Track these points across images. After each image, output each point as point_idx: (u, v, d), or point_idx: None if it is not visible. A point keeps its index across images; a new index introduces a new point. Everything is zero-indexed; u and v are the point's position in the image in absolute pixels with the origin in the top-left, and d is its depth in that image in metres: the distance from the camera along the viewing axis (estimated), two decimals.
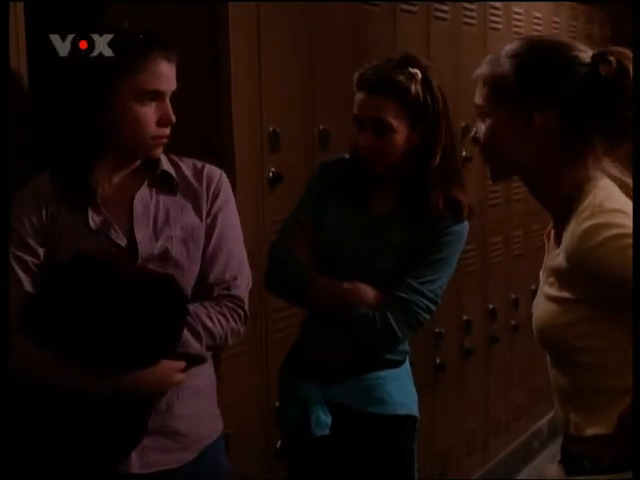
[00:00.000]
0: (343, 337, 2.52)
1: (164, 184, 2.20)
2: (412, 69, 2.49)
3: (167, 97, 2.13)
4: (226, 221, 2.23)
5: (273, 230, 2.95)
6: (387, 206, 2.56)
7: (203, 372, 2.22)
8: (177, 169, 2.22)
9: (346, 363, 2.54)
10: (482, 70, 1.87)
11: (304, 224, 2.57)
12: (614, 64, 1.77)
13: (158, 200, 2.18)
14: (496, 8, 4.56)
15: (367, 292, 2.49)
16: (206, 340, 2.13)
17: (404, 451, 2.58)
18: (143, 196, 2.17)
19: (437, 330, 4.06)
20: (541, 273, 1.88)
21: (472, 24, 4.35)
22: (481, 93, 1.87)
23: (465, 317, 4.34)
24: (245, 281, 2.23)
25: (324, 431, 2.52)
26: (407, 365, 2.63)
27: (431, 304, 2.51)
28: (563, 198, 1.82)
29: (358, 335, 2.50)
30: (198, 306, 2.14)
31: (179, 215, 2.18)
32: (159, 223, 2.16)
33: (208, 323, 2.13)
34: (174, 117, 2.13)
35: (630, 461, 1.66)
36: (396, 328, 2.47)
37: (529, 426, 5.07)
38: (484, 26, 4.44)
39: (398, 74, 2.48)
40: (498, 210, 4.64)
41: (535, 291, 1.91)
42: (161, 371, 2.08)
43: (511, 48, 1.85)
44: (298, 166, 3.18)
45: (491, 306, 4.59)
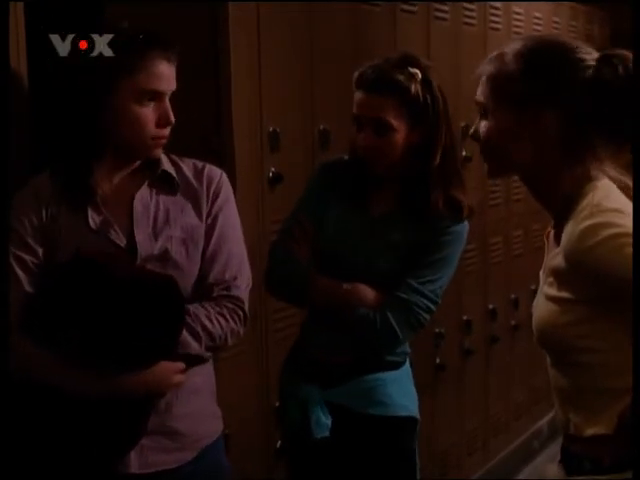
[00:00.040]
0: (343, 338, 2.51)
1: (164, 184, 2.20)
2: (412, 68, 2.48)
3: (166, 97, 2.13)
4: (226, 221, 2.23)
5: (273, 230, 2.95)
6: (387, 206, 2.56)
7: (202, 371, 2.21)
8: (178, 169, 2.22)
9: (346, 364, 2.53)
10: (486, 67, 1.87)
11: (304, 224, 2.56)
12: (619, 69, 1.77)
13: (158, 200, 2.18)
14: (496, 8, 4.56)
15: (367, 292, 2.48)
16: (205, 341, 2.12)
17: (405, 452, 2.57)
18: (143, 196, 2.17)
19: (437, 330, 4.06)
20: (541, 273, 1.88)
21: (472, 24, 4.34)
22: (484, 90, 1.86)
23: (465, 317, 4.34)
24: (245, 281, 2.23)
25: (324, 432, 2.51)
26: (407, 366, 2.62)
27: (431, 304, 2.50)
28: (563, 198, 1.82)
29: (358, 336, 2.50)
30: (197, 307, 2.14)
31: (179, 215, 2.18)
32: (159, 223, 2.16)
33: (207, 324, 2.13)
34: (173, 117, 2.13)
35: (630, 461, 1.66)
36: (396, 328, 2.46)
37: (529, 426, 5.07)
38: (484, 26, 4.44)
39: (398, 73, 2.47)
40: (498, 210, 4.64)
41: (535, 291, 1.91)
42: (160, 372, 2.07)
43: (516, 47, 1.84)
44: (298, 166, 3.18)
45: (491, 306, 4.59)
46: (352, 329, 2.49)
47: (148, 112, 2.10)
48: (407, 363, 2.62)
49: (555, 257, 1.80)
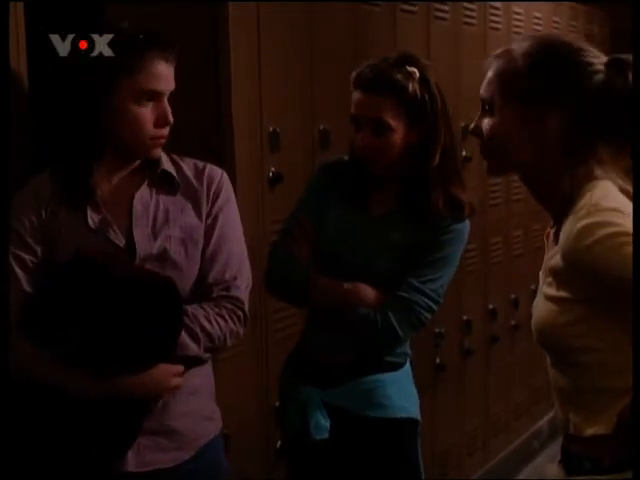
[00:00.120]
0: (343, 338, 2.50)
1: (165, 184, 2.20)
2: (410, 67, 2.46)
3: (165, 97, 2.12)
4: (226, 221, 2.22)
5: (273, 230, 2.95)
6: (387, 206, 2.55)
7: (201, 372, 2.21)
8: (178, 169, 2.22)
9: (346, 364, 2.52)
10: (493, 63, 1.86)
11: (304, 224, 2.56)
12: (629, 76, 1.77)
13: (158, 200, 2.18)
14: (496, 8, 4.56)
15: (367, 292, 2.47)
16: (204, 342, 2.12)
17: (405, 454, 2.56)
18: (143, 196, 2.17)
19: (437, 330, 4.06)
20: (541, 273, 1.88)
21: (472, 24, 4.34)
22: (490, 87, 1.85)
23: (465, 317, 4.34)
24: (245, 281, 2.22)
25: (323, 435, 2.50)
26: (408, 367, 2.60)
27: (432, 303, 2.48)
28: (562, 198, 1.82)
29: (359, 335, 2.49)
30: (196, 307, 2.13)
31: (179, 215, 2.18)
32: (158, 223, 2.16)
33: (206, 325, 2.12)
34: (172, 117, 2.13)
35: (630, 461, 1.66)
36: (397, 328, 2.45)
37: (529, 426, 5.07)
38: (484, 26, 4.44)
39: (395, 73, 2.46)
40: (498, 210, 4.64)
41: (535, 291, 1.91)
42: (158, 375, 2.07)
43: (525, 45, 1.83)
44: (298, 166, 3.18)
45: (491, 306, 4.59)
46: (352, 329, 2.48)
47: (147, 112, 2.10)
48: (407, 364, 2.60)
49: (553, 257, 1.80)
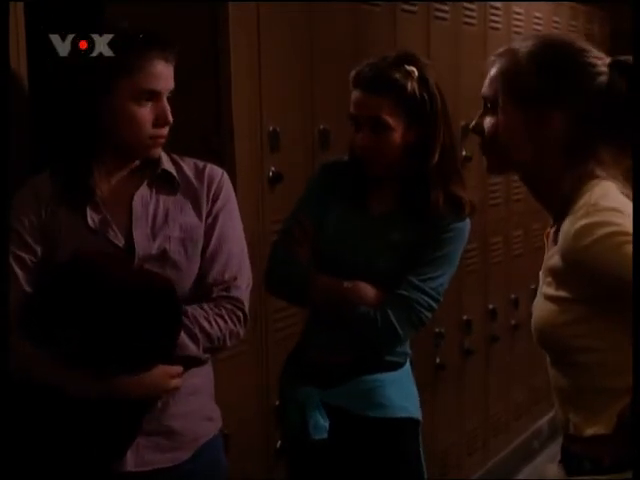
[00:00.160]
0: (343, 337, 2.50)
1: (165, 183, 2.19)
2: (408, 66, 2.45)
3: (164, 97, 2.12)
4: (227, 221, 2.22)
5: (273, 230, 2.95)
6: (387, 206, 2.54)
7: (201, 372, 2.20)
8: (178, 169, 2.22)
9: (345, 364, 2.51)
10: (497, 62, 1.86)
11: (304, 225, 2.55)
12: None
13: (158, 199, 2.18)
14: (496, 8, 4.56)
15: (367, 291, 2.46)
16: (203, 342, 2.11)
17: (406, 454, 2.54)
18: (143, 195, 2.17)
19: (437, 330, 4.06)
20: (540, 273, 1.88)
21: (472, 24, 4.35)
22: (493, 85, 1.85)
23: (465, 317, 4.34)
24: (245, 282, 2.22)
25: (322, 435, 2.49)
26: (408, 367, 2.59)
27: (433, 302, 2.47)
28: (562, 198, 1.82)
29: (358, 334, 2.48)
30: (196, 308, 2.13)
31: (178, 215, 2.17)
32: (158, 223, 2.15)
33: (205, 325, 2.12)
34: (171, 117, 2.13)
35: (630, 461, 1.66)
36: (397, 326, 2.44)
37: (529, 426, 5.07)
38: (484, 26, 4.44)
39: (394, 71, 2.45)
40: (498, 210, 4.64)
41: (535, 291, 1.90)
42: (157, 375, 2.07)
43: (529, 45, 1.83)
44: (298, 166, 3.18)
45: (491, 306, 4.59)
46: (352, 327, 2.47)
47: (146, 112, 2.10)
48: (407, 364, 2.59)
49: (553, 256, 1.80)
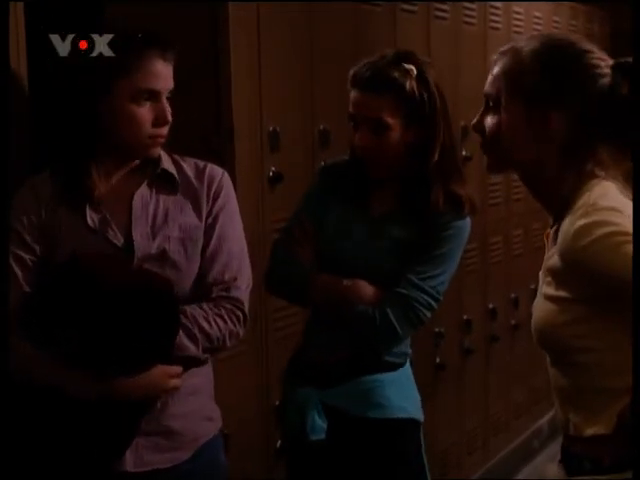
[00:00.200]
0: (343, 336, 2.48)
1: (165, 183, 2.19)
2: (407, 65, 2.44)
3: (163, 96, 2.11)
4: (227, 221, 2.21)
5: (273, 230, 2.95)
6: (387, 206, 2.53)
7: (201, 372, 2.20)
8: (178, 168, 2.21)
9: (345, 364, 2.50)
10: (501, 60, 1.86)
11: (305, 226, 2.54)
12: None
13: (158, 199, 2.17)
14: (496, 8, 4.56)
15: (366, 289, 2.45)
16: (203, 343, 2.11)
17: (406, 455, 2.53)
18: (143, 195, 2.16)
19: (437, 329, 4.06)
20: (540, 273, 1.88)
21: (472, 23, 4.35)
22: (496, 83, 1.85)
23: (465, 316, 4.34)
24: (245, 282, 2.21)
25: (320, 436, 2.48)
26: (408, 368, 2.57)
27: (432, 300, 2.45)
28: (561, 197, 1.82)
29: (357, 332, 2.47)
30: (195, 308, 2.12)
31: (178, 215, 2.17)
32: (157, 222, 2.15)
33: (205, 325, 2.11)
34: (170, 116, 2.12)
35: (630, 461, 1.66)
36: (396, 325, 2.42)
37: (529, 425, 5.07)
38: (484, 25, 4.44)
39: (392, 70, 2.43)
40: (498, 209, 4.64)
41: (535, 291, 1.91)
42: (156, 376, 2.06)
43: (534, 44, 1.83)
44: (298, 166, 3.19)
45: (491, 305, 4.59)
46: (351, 326, 2.46)
47: (145, 111, 2.10)
48: (407, 364, 2.57)
49: (552, 256, 1.80)
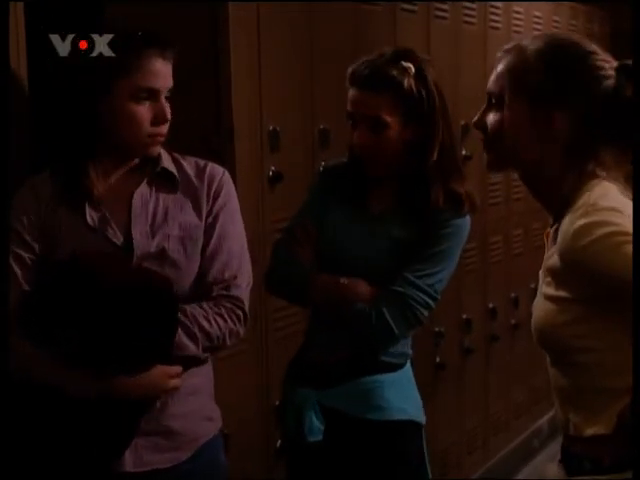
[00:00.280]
0: (343, 336, 2.48)
1: (165, 182, 2.19)
2: (405, 63, 2.43)
3: (162, 95, 2.11)
4: (227, 220, 2.21)
5: (273, 229, 2.95)
6: (387, 204, 2.52)
7: (201, 372, 2.20)
8: (179, 167, 2.21)
9: (344, 363, 2.49)
10: (505, 58, 1.86)
11: (307, 226, 2.53)
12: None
13: (158, 198, 2.17)
14: (496, 7, 4.56)
15: (364, 287, 2.43)
16: (203, 342, 2.11)
17: (406, 457, 2.51)
18: (143, 193, 2.16)
19: (437, 329, 4.06)
20: (540, 273, 1.88)
21: (472, 23, 4.35)
22: (500, 81, 1.85)
23: (465, 316, 4.34)
24: (245, 280, 2.21)
25: (317, 437, 2.47)
26: (408, 368, 2.55)
27: (429, 299, 2.43)
28: (562, 197, 1.82)
29: (356, 332, 2.46)
30: (195, 307, 2.12)
31: (178, 213, 2.17)
32: (157, 221, 2.15)
33: (205, 324, 2.11)
34: (170, 115, 2.12)
35: (630, 461, 1.66)
36: (392, 324, 2.40)
37: (529, 425, 5.07)
38: (484, 25, 4.44)
39: (390, 68, 2.42)
40: (498, 209, 4.64)
41: (535, 290, 1.91)
42: (156, 376, 2.06)
43: (538, 43, 1.83)
44: (298, 165, 3.19)
45: (491, 305, 4.59)
46: (350, 325, 2.45)
47: (144, 110, 2.09)
48: (408, 365, 2.55)
49: (552, 256, 1.80)
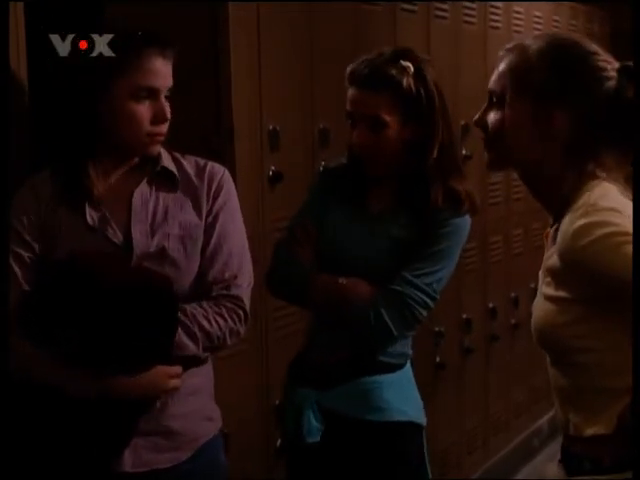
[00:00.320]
0: (343, 336, 2.47)
1: (165, 181, 2.19)
2: (404, 62, 2.42)
3: (162, 94, 2.11)
4: (227, 219, 2.21)
5: (273, 229, 2.95)
6: (387, 204, 2.52)
7: (201, 372, 2.20)
8: (179, 166, 2.21)
9: (343, 363, 2.48)
10: (507, 57, 1.86)
11: (307, 227, 2.53)
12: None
13: (158, 197, 2.17)
14: (496, 7, 4.56)
15: (362, 287, 2.43)
16: (203, 341, 2.10)
17: (405, 458, 2.50)
18: (143, 192, 2.16)
19: (437, 329, 4.06)
20: (540, 273, 1.88)
21: (472, 23, 4.35)
22: (501, 80, 1.85)
23: (465, 316, 4.35)
24: (246, 280, 2.21)
25: (315, 438, 2.47)
26: (408, 369, 2.54)
27: (427, 298, 2.42)
28: (562, 197, 1.82)
29: (356, 332, 2.45)
30: (195, 307, 2.12)
31: (178, 212, 2.17)
32: (157, 220, 2.15)
33: (205, 324, 2.11)
34: (169, 114, 2.12)
35: (630, 461, 1.66)
36: (390, 323, 2.40)
37: (529, 425, 5.07)
38: (484, 25, 4.44)
39: (389, 68, 2.42)
40: (498, 209, 4.65)
41: (535, 290, 1.91)
42: (156, 376, 2.06)
43: (541, 43, 1.84)
44: (298, 165, 3.19)
45: (491, 305, 4.59)
46: (349, 325, 2.45)
47: (144, 109, 2.09)
48: (408, 366, 2.54)
49: (552, 256, 1.80)
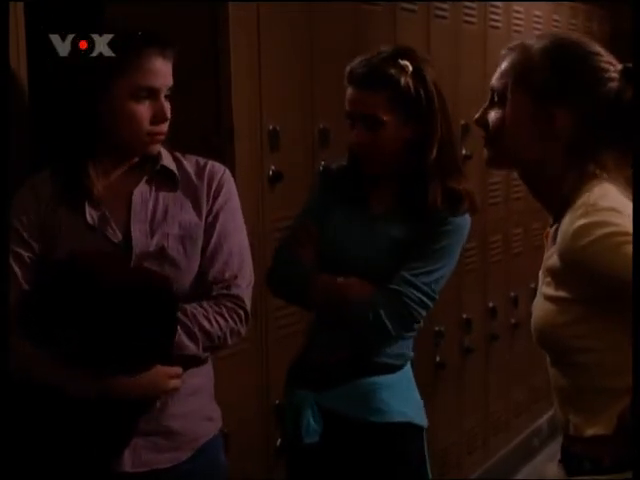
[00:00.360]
0: (343, 336, 2.47)
1: (165, 180, 2.18)
2: (402, 61, 2.42)
3: (162, 94, 2.11)
4: (228, 219, 2.21)
5: (273, 229, 2.96)
6: (386, 204, 2.52)
7: (201, 372, 2.19)
8: (179, 165, 2.21)
9: (343, 363, 2.48)
10: (509, 56, 1.86)
11: (309, 228, 2.53)
12: None
13: (157, 196, 2.17)
14: (496, 7, 4.56)
15: (361, 286, 2.42)
16: (203, 341, 2.10)
17: (405, 459, 2.50)
18: (142, 192, 2.16)
19: (437, 328, 4.06)
20: (540, 273, 1.88)
21: (472, 22, 4.35)
22: (503, 78, 1.85)
23: (465, 315, 4.35)
24: (247, 280, 2.20)
25: (313, 439, 2.47)
26: (408, 370, 2.54)
27: (425, 297, 2.42)
28: (562, 197, 1.82)
29: (355, 331, 2.45)
30: (195, 306, 2.12)
31: (178, 212, 2.16)
32: (157, 219, 2.14)
33: (205, 324, 2.10)
34: (169, 114, 2.12)
35: (630, 461, 1.66)
36: (387, 322, 2.39)
37: (529, 424, 5.07)
38: (484, 25, 4.44)
39: (388, 67, 2.41)
40: (498, 208, 4.65)
41: (535, 290, 1.91)
42: (155, 376, 2.05)
43: (543, 43, 1.84)
44: (298, 165, 3.19)
45: (491, 304, 4.59)
46: (348, 324, 2.45)
47: (143, 109, 2.09)
48: (408, 366, 2.54)
49: (552, 256, 1.80)
